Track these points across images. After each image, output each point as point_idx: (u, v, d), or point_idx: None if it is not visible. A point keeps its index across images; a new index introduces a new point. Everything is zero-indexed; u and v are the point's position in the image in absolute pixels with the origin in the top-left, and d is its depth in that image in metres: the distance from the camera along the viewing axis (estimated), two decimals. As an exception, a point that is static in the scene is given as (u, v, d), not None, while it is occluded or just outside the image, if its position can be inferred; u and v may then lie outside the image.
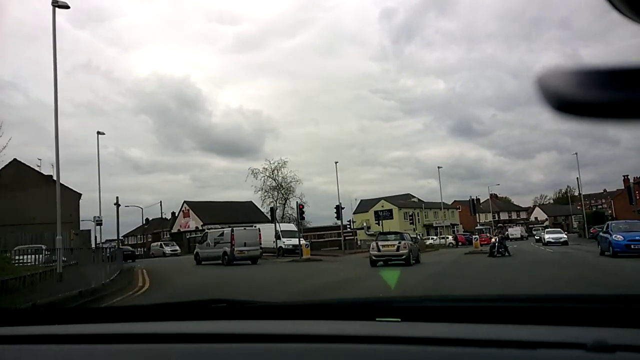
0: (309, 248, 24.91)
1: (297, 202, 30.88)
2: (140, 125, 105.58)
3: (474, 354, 0.95)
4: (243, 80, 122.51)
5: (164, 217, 66.19)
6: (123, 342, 1.18)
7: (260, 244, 25.24)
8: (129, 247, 43.43)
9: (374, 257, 18.71)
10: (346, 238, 46.28)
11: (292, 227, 33.48)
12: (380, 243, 18.92)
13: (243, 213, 55.93)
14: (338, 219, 31.13)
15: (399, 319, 1.27)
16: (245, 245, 23.47)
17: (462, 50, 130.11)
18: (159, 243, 52.45)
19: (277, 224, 31.00)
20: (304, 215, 30.20)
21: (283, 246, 29.39)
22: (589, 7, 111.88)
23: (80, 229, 36.39)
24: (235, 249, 23.17)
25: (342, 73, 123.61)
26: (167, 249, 47.46)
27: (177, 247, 48.24)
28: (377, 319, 1.29)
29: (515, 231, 63.29)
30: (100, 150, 28.55)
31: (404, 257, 18.17)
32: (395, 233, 20.68)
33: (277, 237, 30.85)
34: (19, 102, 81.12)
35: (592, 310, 1.21)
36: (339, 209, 30.99)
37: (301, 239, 32.01)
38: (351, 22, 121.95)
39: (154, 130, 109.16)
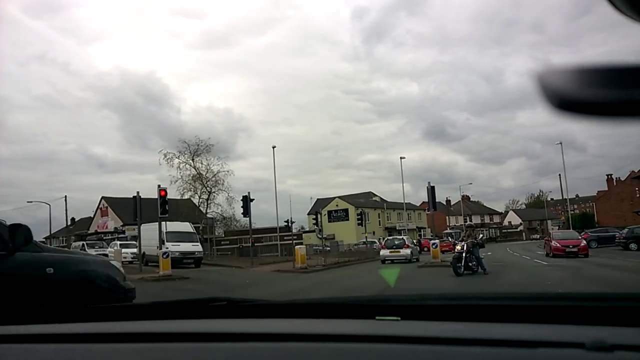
0: (168, 258, 16.17)
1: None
2: (104, 122, 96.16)
3: (473, 353, 0.95)
4: (212, 77, 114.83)
5: (72, 218, 55.67)
6: (123, 341, 1.18)
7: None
8: None
9: None
10: (285, 242, 38.61)
11: (186, 226, 24.72)
12: None
13: (176, 212, 46.85)
14: (245, 216, 22.40)
15: (399, 318, 1.27)
16: None
17: (434, 52, 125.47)
18: (80, 244, 37.67)
19: (165, 224, 22.21)
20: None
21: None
22: (561, 11, 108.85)
23: None
24: None
25: (314, 73, 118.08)
26: (92, 253, 32.54)
27: (107, 250, 33.30)
28: (376, 318, 1.28)
29: None
30: (61, 146, 20.00)
31: None
32: None
33: (162, 241, 22.11)
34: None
35: (591, 309, 1.20)
36: (246, 200, 22.15)
37: (197, 244, 23.88)
38: (322, 21, 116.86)
39: (120, 127, 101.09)
